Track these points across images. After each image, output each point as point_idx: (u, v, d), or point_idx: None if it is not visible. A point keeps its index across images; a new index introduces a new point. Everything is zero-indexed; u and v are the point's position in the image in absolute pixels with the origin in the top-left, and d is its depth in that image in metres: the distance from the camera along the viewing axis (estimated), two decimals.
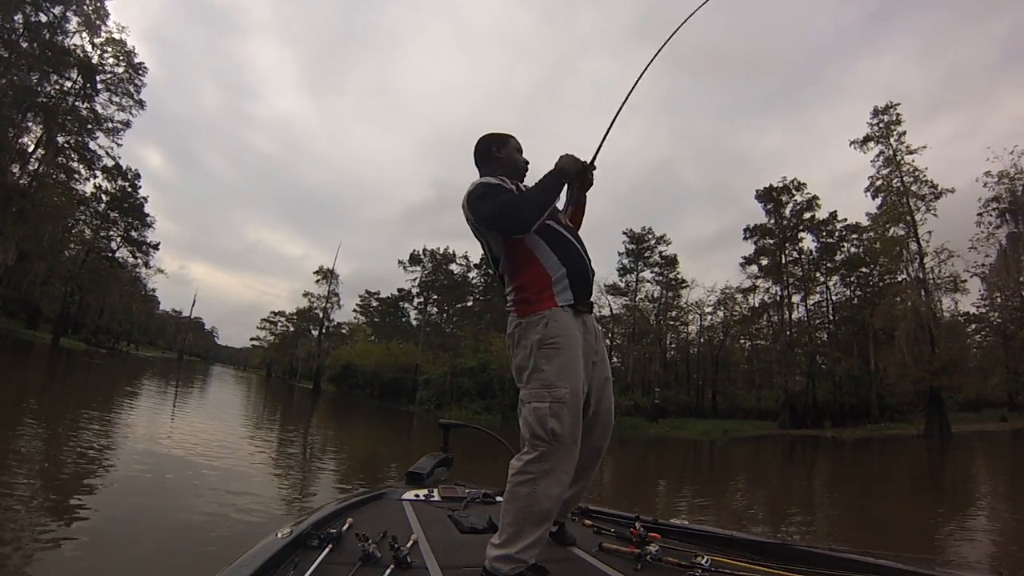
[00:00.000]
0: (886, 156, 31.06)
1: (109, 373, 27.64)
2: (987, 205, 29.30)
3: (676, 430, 33.50)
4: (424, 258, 57.23)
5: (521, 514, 1.79)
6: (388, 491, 2.93)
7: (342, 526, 2.01)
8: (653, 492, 11.87)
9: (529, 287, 1.98)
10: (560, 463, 1.83)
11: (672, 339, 49.57)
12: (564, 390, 1.84)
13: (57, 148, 35.66)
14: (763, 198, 41.14)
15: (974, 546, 6.99)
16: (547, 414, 1.82)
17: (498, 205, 1.96)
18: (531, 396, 1.88)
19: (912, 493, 12.77)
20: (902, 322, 28.53)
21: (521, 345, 1.95)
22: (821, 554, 1.99)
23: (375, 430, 22.72)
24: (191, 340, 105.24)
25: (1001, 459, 20.56)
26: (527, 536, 1.77)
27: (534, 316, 1.93)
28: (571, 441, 1.85)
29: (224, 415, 17.51)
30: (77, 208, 42.67)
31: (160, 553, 4.60)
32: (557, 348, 1.88)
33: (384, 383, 49.16)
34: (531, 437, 1.84)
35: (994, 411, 36.47)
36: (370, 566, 1.70)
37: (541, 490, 1.80)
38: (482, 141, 2.29)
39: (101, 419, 11.23)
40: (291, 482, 8.78)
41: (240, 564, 1.55)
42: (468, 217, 2.06)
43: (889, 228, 30.23)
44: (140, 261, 54.51)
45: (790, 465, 20.08)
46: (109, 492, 6.13)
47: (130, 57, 39.36)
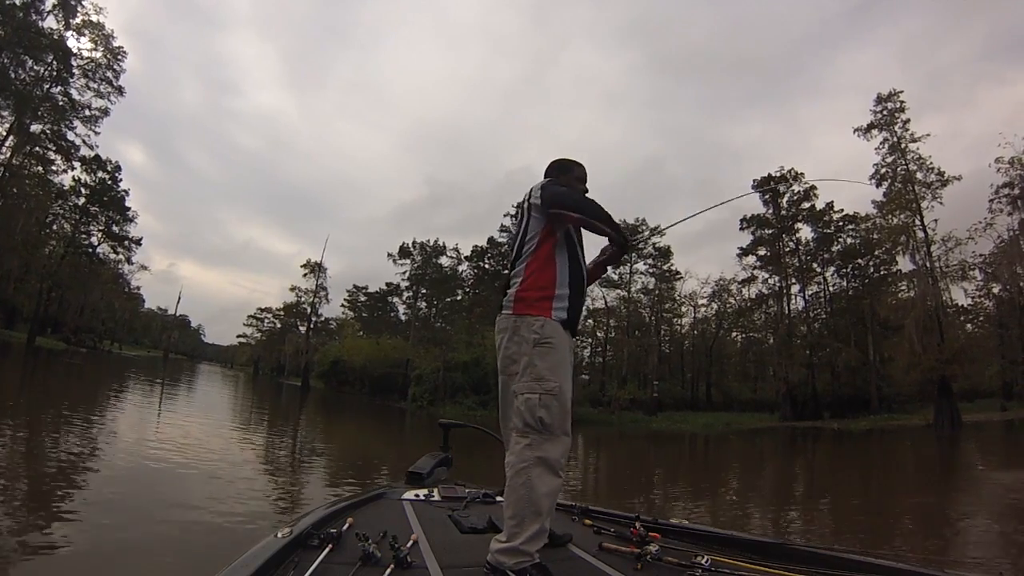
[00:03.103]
0: (891, 143, 30.53)
1: (84, 373, 26.48)
2: (998, 192, 28.65)
3: (678, 424, 32.98)
4: (414, 251, 56.31)
5: (520, 504, 1.85)
6: (388, 491, 2.96)
7: (342, 526, 2.02)
8: (697, 497, 10.61)
9: (533, 287, 2.08)
10: (550, 451, 1.91)
11: (666, 331, 49.16)
12: (554, 384, 1.97)
13: (29, 135, 34.07)
14: (761, 187, 40.67)
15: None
16: (537, 404, 1.93)
17: (578, 196, 2.18)
18: (524, 388, 1.98)
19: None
20: (911, 311, 28.04)
21: (515, 340, 2.05)
22: (821, 554, 2.01)
23: (366, 429, 21.94)
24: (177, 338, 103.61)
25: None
26: (528, 527, 1.81)
27: (530, 318, 2.03)
28: (560, 431, 1.95)
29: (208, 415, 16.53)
30: (55, 201, 41.13)
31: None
32: (551, 347, 2.01)
33: (374, 379, 48.15)
34: (523, 426, 1.94)
35: (986, 401, 36.31)
36: (370, 566, 1.70)
37: (536, 478, 1.87)
38: (560, 161, 2.49)
39: (57, 426, 10.21)
40: (278, 487, 8.06)
41: (240, 564, 1.54)
42: (535, 194, 2.18)
43: (897, 215, 29.68)
44: (122, 257, 52.67)
45: (820, 460, 19.39)
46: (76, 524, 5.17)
47: (108, 41, 37.61)
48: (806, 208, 39.93)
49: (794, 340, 38.76)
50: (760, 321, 45.26)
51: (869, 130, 31.43)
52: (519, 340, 2.03)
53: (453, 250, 55.69)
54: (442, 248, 56.11)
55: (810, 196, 39.58)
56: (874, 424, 29.13)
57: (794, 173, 39.43)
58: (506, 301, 2.13)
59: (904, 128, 30.36)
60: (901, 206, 29.40)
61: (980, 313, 41.36)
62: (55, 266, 43.39)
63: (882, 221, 31.16)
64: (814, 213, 39.89)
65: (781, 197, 40.04)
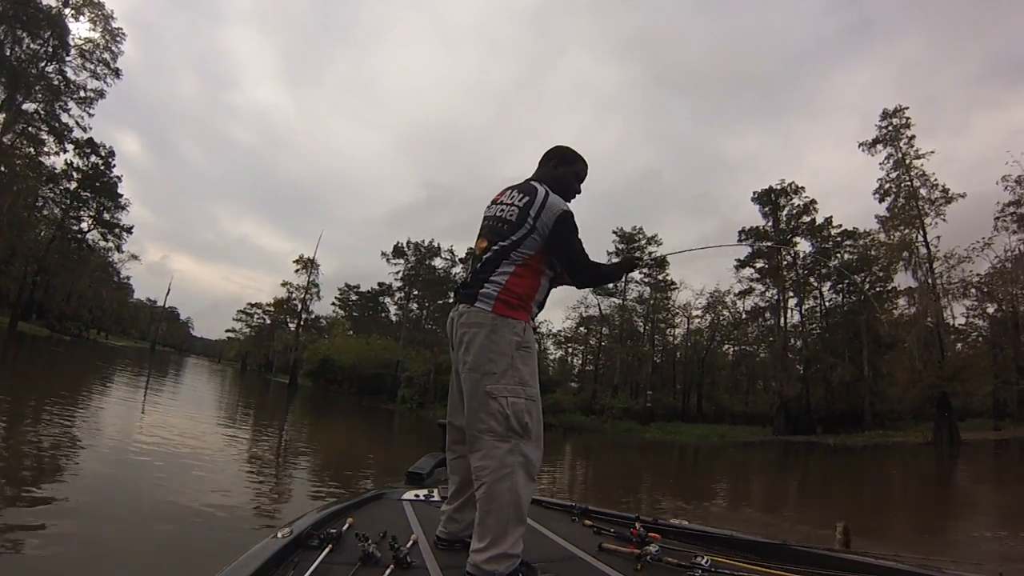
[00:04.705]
0: (895, 159, 30.52)
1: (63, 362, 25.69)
2: (1004, 209, 28.70)
3: (671, 434, 32.66)
4: (408, 251, 55.77)
5: (505, 510, 1.81)
6: (388, 491, 2.97)
7: (342, 526, 2.02)
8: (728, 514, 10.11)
9: (515, 292, 2.02)
10: (530, 457, 1.90)
11: (659, 341, 48.86)
12: (535, 390, 1.98)
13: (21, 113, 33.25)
14: (761, 200, 40.55)
15: None
16: (523, 409, 1.91)
17: (583, 256, 2.13)
18: (507, 392, 1.92)
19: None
20: (912, 327, 27.92)
21: (494, 339, 1.97)
22: (821, 554, 2.02)
23: (355, 431, 21.35)
24: (165, 330, 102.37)
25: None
26: (512, 533, 1.80)
27: (511, 320, 1.99)
28: (538, 438, 1.95)
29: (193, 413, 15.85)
30: (45, 184, 40.24)
31: None
32: (531, 353, 2.02)
33: (363, 379, 47.50)
34: (504, 431, 1.88)
35: (977, 420, 36.17)
36: (370, 566, 1.69)
37: (521, 484, 1.85)
38: (564, 149, 2.34)
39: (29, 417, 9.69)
40: (264, 491, 7.56)
41: (240, 564, 1.53)
42: (544, 223, 2.04)
43: (901, 231, 29.62)
44: (112, 244, 51.52)
45: (825, 475, 18.85)
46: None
47: (108, 21, 36.81)
48: (806, 222, 39.87)
49: (789, 356, 38.50)
50: (753, 334, 45.02)
51: (874, 145, 31.42)
52: (499, 340, 1.96)
53: (448, 251, 55.31)
54: (436, 249, 55.67)
55: (810, 210, 39.58)
56: (871, 440, 28.81)
57: (795, 187, 39.47)
58: (480, 294, 2.02)
59: (909, 144, 30.37)
60: (905, 221, 29.36)
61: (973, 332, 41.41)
62: (42, 250, 42.48)
63: (883, 237, 31.18)
64: (813, 228, 39.78)
65: (781, 210, 39.96)
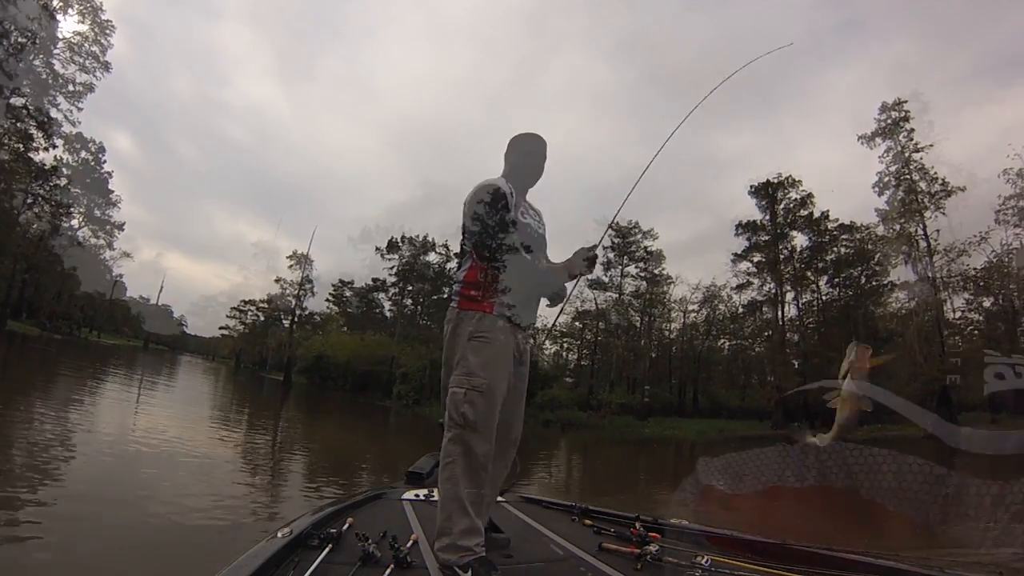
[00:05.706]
0: (895, 152, 30.52)
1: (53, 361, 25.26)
2: (1006, 203, 28.67)
3: (670, 429, 32.62)
4: (402, 246, 55.37)
5: (446, 499, 1.86)
6: (388, 491, 2.96)
7: (342, 526, 2.02)
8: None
9: (475, 285, 2.08)
10: (472, 447, 1.92)
11: (655, 336, 48.79)
12: (482, 380, 1.97)
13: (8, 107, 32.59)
14: (758, 193, 40.44)
15: None
16: (461, 400, 1.94)
17: (471, 235, 2.13)
18: (453, 383, 2.01)
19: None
20: (913, 321, 27.93)
21: (455, 334, 2.07)
22: (821, 554, 2.00)
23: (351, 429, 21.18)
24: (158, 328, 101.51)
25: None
26: (457, 523, 1.82)
27: (471, 312, 2.06)
28: (483, 427, 1.95)
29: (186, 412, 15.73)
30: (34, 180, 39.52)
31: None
32: (486, 342, 2.01)
33: (358, 376, 47.25)
34: (448, 420, 1.97)
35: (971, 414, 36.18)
36: (370, 566, 1.68)
37: (460, 473, 1.88)
38: (511, 139, 2.41)
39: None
40: (259, 491, 7.50)
41: (240, 564, 1.52)
42: (465, 219, 2.13)
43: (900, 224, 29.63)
44: (103, 242, 50.68)
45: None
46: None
47: (96, 13, 35.95)
48: (803, 216, 39.79)
49: (786, 350, 38.57)
50: (749, 329, 45.00)
51: (873, 138, 31.41)
52: (459, 333, 2.04)
53: (443, 246, 54.94)
54: (432, 244, 55.30)
55: (807, 204, 39.51)
56: (869, 434, 28.65)
57: (792, 179, 39.42)
58: (452, 294, 2.17)
59: (908, 137, 30.32)
60: (906, 215, 29.33)
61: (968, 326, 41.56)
62: (32, 248, 41.80)
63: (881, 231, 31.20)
64: (810, 221, 39.71)
65: (778, 204, 39.86)
